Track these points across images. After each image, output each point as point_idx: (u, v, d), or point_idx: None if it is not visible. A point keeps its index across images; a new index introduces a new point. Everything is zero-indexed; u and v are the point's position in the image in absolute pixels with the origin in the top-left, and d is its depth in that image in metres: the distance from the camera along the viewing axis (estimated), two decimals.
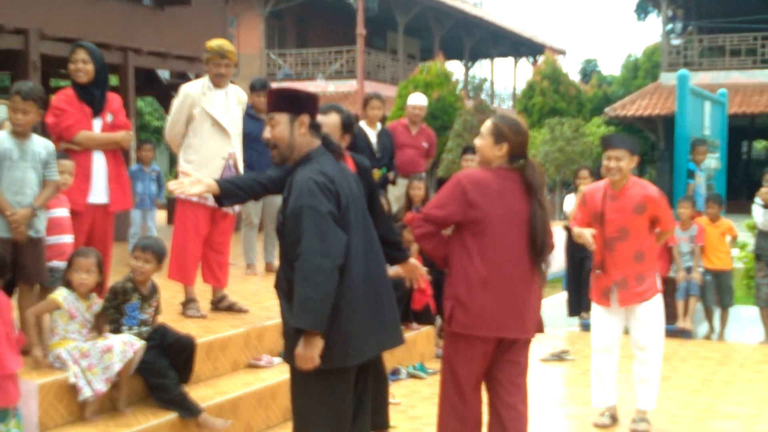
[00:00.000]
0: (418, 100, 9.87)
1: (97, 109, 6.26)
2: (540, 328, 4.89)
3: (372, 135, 8.96)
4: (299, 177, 4.12)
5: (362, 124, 9.00)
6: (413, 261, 5.18)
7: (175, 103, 6.96)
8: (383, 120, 9.65)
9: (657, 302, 6.18)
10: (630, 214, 6.03)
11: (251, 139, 8.23)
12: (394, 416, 6.32)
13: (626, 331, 6.33)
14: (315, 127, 4.31)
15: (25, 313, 5.26)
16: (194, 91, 6.89)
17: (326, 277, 3.93)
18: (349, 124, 5.19)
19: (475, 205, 4.59)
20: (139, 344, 5.20)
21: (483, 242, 4.61)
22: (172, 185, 4.70)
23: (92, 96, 6.23)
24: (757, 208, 9.45)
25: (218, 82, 6.92)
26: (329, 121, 5.06)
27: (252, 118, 8.58)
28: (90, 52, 6.23)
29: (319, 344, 4.00)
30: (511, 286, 4.65)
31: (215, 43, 6.95)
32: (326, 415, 4.19)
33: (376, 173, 8.70)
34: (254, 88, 8.80)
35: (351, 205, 4.18)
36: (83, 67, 6.19)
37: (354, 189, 4.30)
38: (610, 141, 6.15)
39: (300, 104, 4.27)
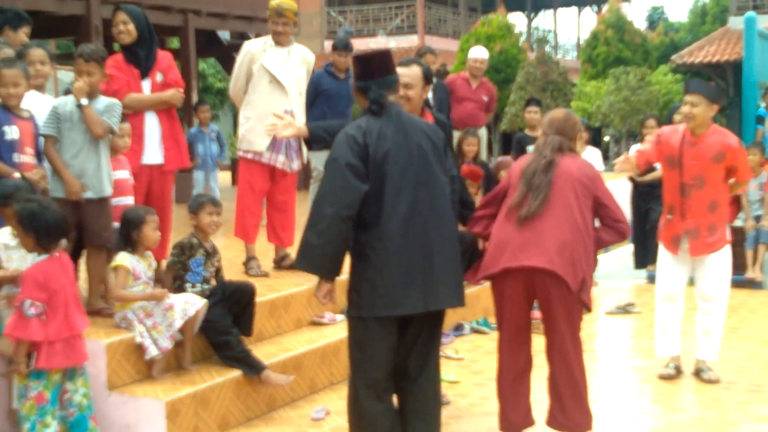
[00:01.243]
0: (479, 53, 9.77)
1: (145, 70, 6.27)
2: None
3: (428, 93, 8.89)
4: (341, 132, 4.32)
5: None
6: None
7: (238, 59, 7.01)
8: (439, 75, 9.56)
9: (726, 253, 6.08)
10: (708, 162, 5.91)
11: (328, 96, 8.44)
12: (458, 371, 6.35)
13: (691, 282, 6.23)
14: (362, 90, 4.43)
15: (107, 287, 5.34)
16: (255, 48, 6.92)
17: (328, 224, 4.08)
18: (429, 75, 5.26)
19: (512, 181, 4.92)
20: (201, 302, 5.26)
21: (505, 202, 4.90)
22: (266, 128, 5.20)
23: (137, 57, 6.25)
24: None
25: (279, 39, 6.93)
26: (411, 72, 5.09)
27: (331, 76, 8.69)
28: (129, 13, 6.23)
29: (323, 287, 4.25)
30: (522, 231, 4.72)
31: (274, 1, 6.96)
32: (358, 361, 4.35)
33: None
34: (336, 48, 8.85)
35: (391, 158, 4.20)
36: (124, 28, 6.21)
37: (405, 143, 4.29)
38: (688, 85, 6.06)
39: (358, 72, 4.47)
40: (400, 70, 4.97)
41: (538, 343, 4.99)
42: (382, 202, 4.17)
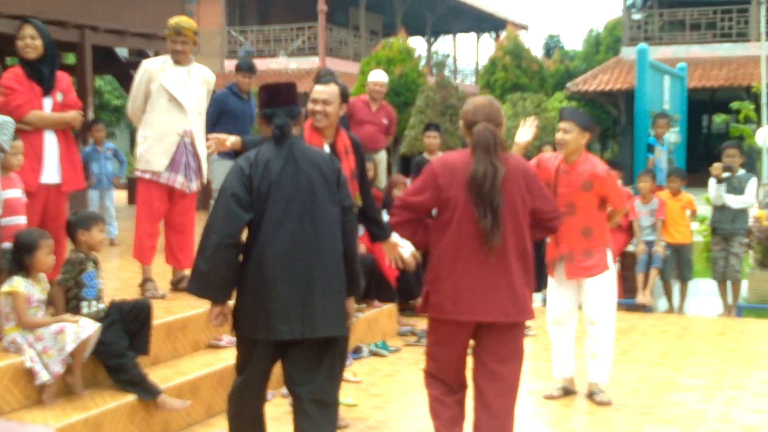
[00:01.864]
0: (378, 76, 9.83)
1: (47, 88, 6.14)
2: (526, 313, 4.57)
3: None
4: None
5: None
6: (393, 240, 5.29)
7: (135, 78, 6.91)
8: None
9: (606, 278, 6.20)
10: (577, 190, 6.07)
11: (234, 116, 8.72)
12: (356, 394, 6.34)
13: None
14: (267, 117, 4.54)
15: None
16: (154, 67, 6.84)
17: (213, 251, 4.23)
18: (345, 94, 5.58)
19: (443, 188, 4.48)
20: (94, 327, 5.14)
21: (452, 224, 4.46)
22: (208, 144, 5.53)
23: (41, 74, 6.11)
24: (711, 182, 9.56)
25: (178, 59, 6.87)
26: (330, 90, 5.47)
27: (236, 96, 8.95)
28: (37, 28, 6.11)
29: (214, 309, 4.44)
30: (482, 266, 4.42)
31: (173, 20, 6.91)
32: (237, 378, 4.62)
33: None
34: (240, 69, 8.97)
35: (274, 189, 4.31)
36: (31, 42, 6.08)
37: (294, 175, 4.36)
38: (561, 113, 6.23)
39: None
40: (318, 87, 5.50)
41: None
42: (261, 232, 4.30)
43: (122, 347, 5.25)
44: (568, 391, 6.44)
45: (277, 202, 4.31)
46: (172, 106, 6.80)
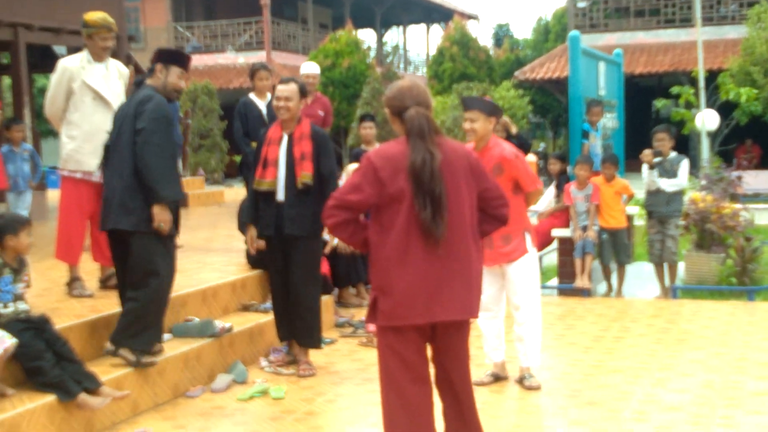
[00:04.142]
0: (310, 68, 9.78)
1: None
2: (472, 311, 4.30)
3: (262, 105, 8.88)
4: None
5: (251, 95, 8.92)
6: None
7: (53, 78, 6.81)
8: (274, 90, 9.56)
9: (527, 263, 6.23)
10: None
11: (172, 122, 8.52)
12: (288, 386, 6.32)
13: None
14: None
15: None
16: (73, 65, 6.75)
17: None
18: (303, 90, 6.67)
19: (386, 181, 4.11)
20: (10, 342, 5.07)
21: (399, 220, 4.10)
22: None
23: None
24: (644, 168, 9.65)
25: (102, 55, 6.80)
26: (290, 88, 6.58)
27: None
28: None
29: None
30: (435, 261, 4.12)
31: (99, 16, 6.80)
32: None
33: None
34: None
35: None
36: None
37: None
38: (464, 102, 6.20)
39: None
40: (280, 86, 6.59)
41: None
42: None
43: (38, 350, 5.16)
44: (498, 377, 6.47)
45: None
46: (98, 104, 6.73)
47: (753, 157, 24.67)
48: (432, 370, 4.36)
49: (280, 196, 6.63)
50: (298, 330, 6.78)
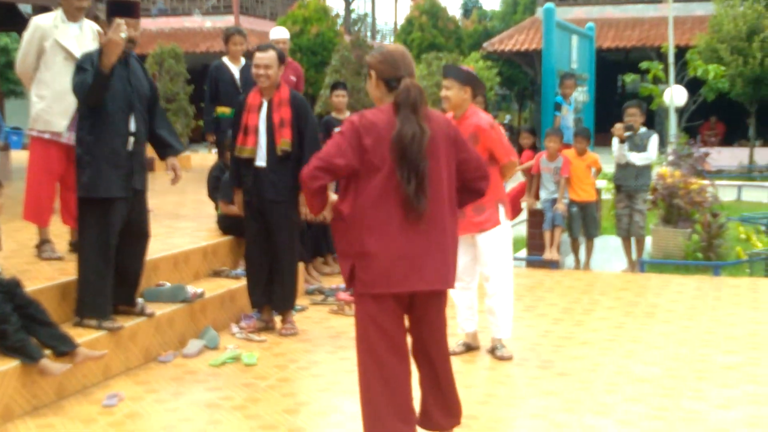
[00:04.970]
0: (280, 33, 9.68)
1: None
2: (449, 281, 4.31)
3: (235, 70, 8.79)
4: None
5: (225, 60, 8.82)
6: None
7: (25, 35, 6.67)
8: (248, 55, 9.46)
9: (499, 233, 6.23)
10: None
11: None
12: (258, 353, 6.30)
13: None
14: None
15: None
16: (45, 23, 6.62)
17: None
18: (282, 57, 6.75)
19: (368, 149, 4.06)
20: None
21: (377, 189, 4.06)
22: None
23: None
24: (614, 142, 9.71)
25: (77, 15, 6.68)
26: (269, 55, 6.61)
27: None
28: None
29: None
30: (413, 233, 4.11)
31: None
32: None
33: None
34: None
35: None
36: None
37: None
38: (443, 70, 6.25)
39: None
40: (259, 54, 6.60)
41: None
42: None
43: (4, 313, 5.05)
44: (470, 347, 6.50)
45: None
46: (69, 64, 6.59)
47: (716, 134, 24.89)
48: (409, 340, 4.36)
49: (261, 161, 6.67)
50: (277, 295, 6.85)
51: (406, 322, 4.32)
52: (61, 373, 5.20)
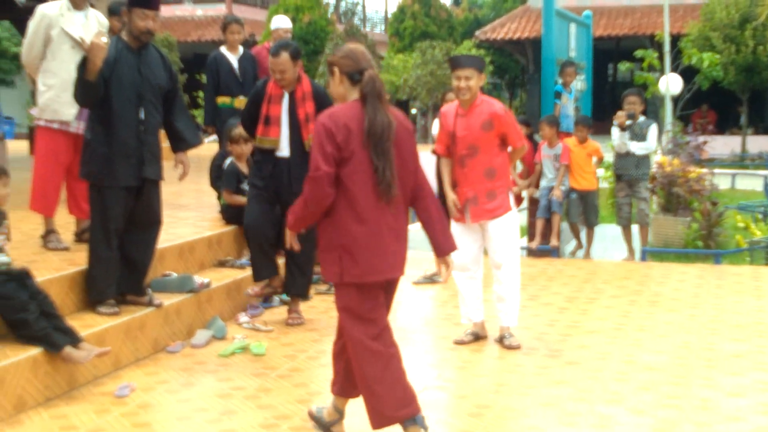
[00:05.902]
0: (282, 22, 9.65)
1: None
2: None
3: (233, 60, 8.76)
4: None
5: (222, 49, 8.79)
6: None
7: (31, 24, 6.65)
8: (246, 44, 9.44)
9: (509, 220, 6.27)
10: (478, 131, 6.14)
11: None
12: (267, 343, 6.29)
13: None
14: None
15: None
16: (52, 12, 6.60)
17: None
18: (295, 54, 6.57)
19: (342, 146, 4.19)
20: None
21: (351, 181, 4.20)
22: None
23: None
24: (614, 130, 9.72)
25: (79, 3, 6.65)
26: (282, 59, 6.48)
27: None
28: None
29: None
30: (385, 222, 4.27)
31: None
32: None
33: (241, 100, 8.53)
34: (114, 13, 8.49)
35: None
36: None
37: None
38: (458, 61, 6.22)
39: None
40: (272, 59, 6.51)
41: None
42: None
43: (23, 302, 5.04)
44: (478, 336, 6.51)
45: None
46: (76, 52, 6.58)
47: (708, 122, 24.95)
48: None
49: (284, 152, 6.70)
50: (297, 281, 6.91)
51: None
52: (87, 361, 5.20)
